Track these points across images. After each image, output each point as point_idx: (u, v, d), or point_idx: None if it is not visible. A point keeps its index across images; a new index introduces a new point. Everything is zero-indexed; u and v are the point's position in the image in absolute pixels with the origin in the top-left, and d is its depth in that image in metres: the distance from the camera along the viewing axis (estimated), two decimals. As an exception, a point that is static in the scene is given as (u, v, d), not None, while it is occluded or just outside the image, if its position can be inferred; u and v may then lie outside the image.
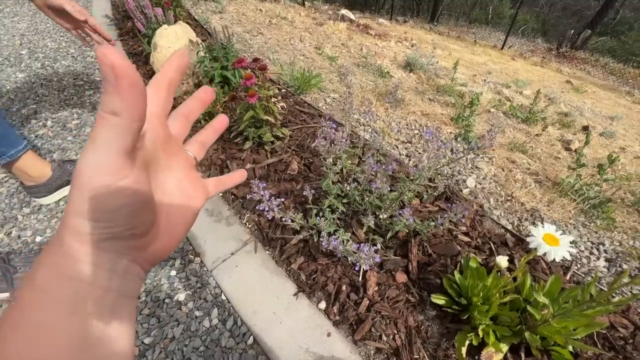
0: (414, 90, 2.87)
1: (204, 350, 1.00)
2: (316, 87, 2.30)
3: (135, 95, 0.18)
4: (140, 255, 0.24)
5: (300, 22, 4.28)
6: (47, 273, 0.19)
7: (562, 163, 2.15)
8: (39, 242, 1.30)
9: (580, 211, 1.67)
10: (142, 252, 0.24)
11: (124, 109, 0.18)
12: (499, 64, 5.67)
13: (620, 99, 5.24)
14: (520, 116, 2.75)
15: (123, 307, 0.22)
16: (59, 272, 0.19)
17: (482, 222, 1.29)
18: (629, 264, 1.38)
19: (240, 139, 1.58)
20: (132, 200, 0.20)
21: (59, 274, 0.19)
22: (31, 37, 2.81)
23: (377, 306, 1.01)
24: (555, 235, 0.67)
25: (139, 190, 0.21)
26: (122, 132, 0.18)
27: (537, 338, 0.83)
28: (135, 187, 0.20)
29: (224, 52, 1.88)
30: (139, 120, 0.19)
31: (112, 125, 0.18)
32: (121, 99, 0.17)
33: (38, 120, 1.90)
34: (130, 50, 2.57)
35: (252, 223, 1.33)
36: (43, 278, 0.19)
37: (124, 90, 0.17)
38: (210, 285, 1.16)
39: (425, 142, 0.90)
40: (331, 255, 1.14)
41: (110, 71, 0.17)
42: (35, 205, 1.44)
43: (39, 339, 0.17)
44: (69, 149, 1.73)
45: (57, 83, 2.24)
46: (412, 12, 11.03)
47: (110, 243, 0.21)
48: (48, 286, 0.19)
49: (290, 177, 1.46)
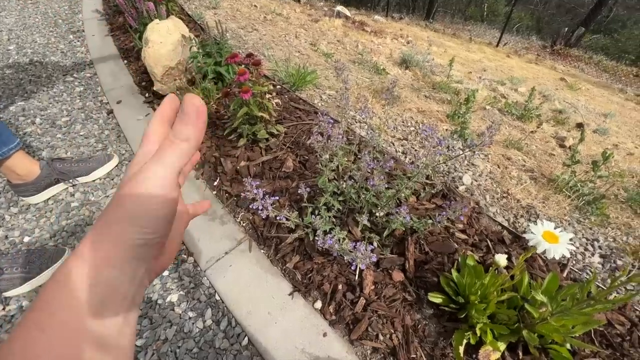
0: (409, 87, 2.86)
1: (197, 352, 0.98)
2: (312, 83, 2.27)
3: (203, 129, 0.25)
4: (152, 265, 0.26)
5: (296, 18, 4.24)
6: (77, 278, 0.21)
7: (557, 160, 2.15)
8: (27, 243, 1.26)
9: (575, 208, 1.67)
10: (155, 262, 0.27)
11: (194, 138, 0.24)
12: (494, 61, 5.68)
13: (613, 96, 5.28)
14: (516, 113, 2.75)
15: (132, 314, 0.24)
16: (89, 276, 0.21)
17: (479, 220, 1.28)
18: (623, 259, 1.38)
19: (234, 136, 1.55)
20: (173, 211, 0.25)
21: (89, 277, 0.21)
22: (19, 32, 2.74)
23: (374, 305, 1.00)
24: (554, 233, 0.66)
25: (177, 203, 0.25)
26: (185, 155, 0.24)
27: (535, 336, 0.82)
28: (177, 200, 0.25)
29: (218, 47, 1.84)
30: (197, 147, 0.25)
31: (180, 149, 0.24)
32: (195, 131, 0.24)
33: (26, 117, 1.86)
34: (121, 46, 2.52)
35: (247, 222, 1.30)
36: (73, 282, 0.21)
37: (199, 126, 0.24)
38: (203, 286, 1.14)
39: (422, 139, 0.88)
40: (327, 254, 1.12)
41: (194, 111, 0.24)
42: (24, 204, 1.40)
43: (64, 339, 0.19)
44: (59, 146, 1.69)
45: (46, 79, 2.19)
46: (408, 9, 11.00)
47: (144, 249, 0.23)
48: (77, 291, 0.21)
49: (286, 175, 1.43)
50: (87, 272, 0.21)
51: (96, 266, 0.21)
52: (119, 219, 0.22)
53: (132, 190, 0.22)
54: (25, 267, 1.09)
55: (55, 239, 1.28)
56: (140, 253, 0.23)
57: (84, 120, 1.87)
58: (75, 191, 1.47)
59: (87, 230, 1.31)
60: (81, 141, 1.74)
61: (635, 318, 0.97)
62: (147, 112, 1.87)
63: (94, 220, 1.35)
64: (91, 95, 2.09)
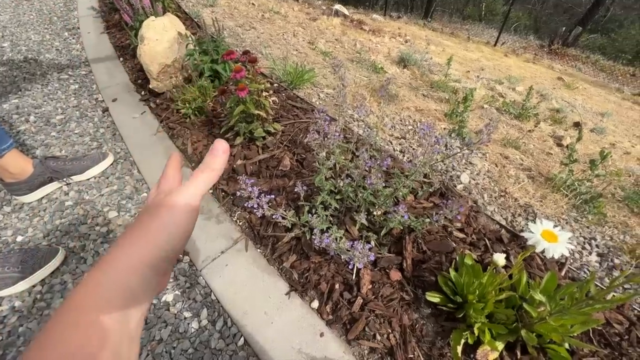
0: (407, 86, 2.85)
1: (192, 353, 0.97)
2: (309, 82, 2.26)
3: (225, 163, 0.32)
4: (158, 282, 0.29)
5: (294, 16, 4.22)
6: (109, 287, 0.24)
7: (554, 159, 2.15)
8: (20, 242, 1.25)
9: (572, 206, 1.67)
10: (165, 277, 0.30)
11: (220, 169, 0.32)
12: (492, 60, 5.68)
13: (610, 96, 5.30)
14: (513, 112, 2.75)
15: (142, 320, 0.27)
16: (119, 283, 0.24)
17: (477, 218, 1.27)
18: (620, 258, 1.38)
19: (231, 134, 1.54)
20: (193, 224, 0.30)
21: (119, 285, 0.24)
22: (14, 30, 2.71)
23: (371, 305, 0.99)
24: (553, 232, 0.66)
25: (197, 217, 0.31)
26: (212, 180, 0.31)
27: (533, 336, 0.81)
28: (197, 215, 0.31)
29: (214, 45, 1.83)
30: (219, 176, 0.32)
31: (210, 175, 0.31)
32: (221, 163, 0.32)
33: (20, 115, 1.83)
34: (117, 44, 2.50)
35: (243, 221, 1.29)
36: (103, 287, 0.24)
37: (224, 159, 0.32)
38: (199, 285, 1.12)
39: (421, 136, 0.87)
40: (324, 253, 1.11)
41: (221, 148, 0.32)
42: (17, 203, 1.38)
43: (93, 336, 0.22)
44: (53, 144, 1.67)
45: (41, 77, 2.16)
46: (406, 8, 10.99)
47: (164, 263, 0.27)
48: (108, 294, 0.24)
49: (282, 174, 1.42)
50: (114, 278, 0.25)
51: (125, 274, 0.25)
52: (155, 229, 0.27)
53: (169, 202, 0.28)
54: (18, 267, 1.07)
55: (49, 238, 1.26)
56: (161, 265, 0.27)
57: (78, 118, 1.85)
58: (69, 190, 1.45)
59: (81, 229, 1.30)
60: (76, 139, 1.72)
61: (634, 317, 0.97)
62: (142, 110, 1.85)
63: (88, 220, 1.33)
64: (86, 93, 2.07)
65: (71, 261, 1.19)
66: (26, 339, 0.98)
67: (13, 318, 1.03)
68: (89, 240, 1.26)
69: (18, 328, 1.01)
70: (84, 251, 1.22)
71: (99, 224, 1.32)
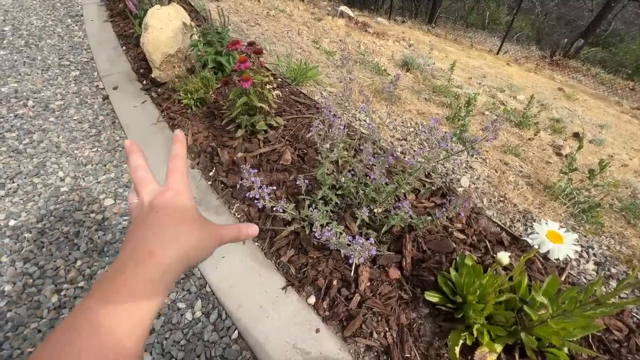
0: (410, 89, 2.85)
1: (185, 344, 0.95)
2: (312, 79, 2.25)
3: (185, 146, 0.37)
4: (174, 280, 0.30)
5: (299, 15, 4.22)
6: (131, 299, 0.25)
7: (553, 167, 2.15)
8: (12, 226, 1.22)
9: (570, 215, 1.67)
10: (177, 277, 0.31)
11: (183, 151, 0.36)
12: (494, 68, 5.71)
13: (610, 108, 5.34)
14: (514, 120, 2.76)
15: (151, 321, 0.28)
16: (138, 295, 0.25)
17: (478, 220, 1.26)
18: (617, 268, 1.38)
19: (233, 126, 1.52)
20: None
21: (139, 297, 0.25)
22: (16, 14, 2.68)
23: (369, 302, 0.98)
24: (559, 233, 0.65)
25: None
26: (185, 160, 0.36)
27: (533, 339, 0.80)
28: None
29: (219, 37, 1.81)
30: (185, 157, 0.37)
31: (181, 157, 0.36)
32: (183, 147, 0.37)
33: (19, 99, 1.81)
34: (120, 32, 2.48)
35: (242, 213, 1.27)
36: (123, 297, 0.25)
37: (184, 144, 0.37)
38: (194, 276, 1.11)
39: (427, 132, 0.86)
40: (323, 248, 1.10)
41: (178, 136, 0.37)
42: (11, 187, 1.36)
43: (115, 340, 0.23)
44: (50, 130, 1.64)
45: (41, 62, 2.14)
46: (411, 13, 11.04)
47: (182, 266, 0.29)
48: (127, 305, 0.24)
49: (283, 168, 1.41)
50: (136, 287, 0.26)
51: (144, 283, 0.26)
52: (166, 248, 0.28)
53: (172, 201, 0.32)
54: None
55: (43, 223, 1.24)
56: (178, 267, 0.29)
57: (78, 105, 1.83)
58: (65, 176, 1.43)
59: (76, 215, 1.27)
60: (74, 125, 1.69)
61: (633, 324, 0.96)
62: (143, 100, 1.83)
63: (83, 206, 1.31)
64: (87, 80, 2.04)
65: (64, 247, 1.16)
66: (14, 324, 0.96)
67: (1, 303, 1.00)
68: (84, 227, 1.24)
69: (7, 313, 0.98)
70: (77, 237, 1.20)
71: (94, 211, 1.30)
